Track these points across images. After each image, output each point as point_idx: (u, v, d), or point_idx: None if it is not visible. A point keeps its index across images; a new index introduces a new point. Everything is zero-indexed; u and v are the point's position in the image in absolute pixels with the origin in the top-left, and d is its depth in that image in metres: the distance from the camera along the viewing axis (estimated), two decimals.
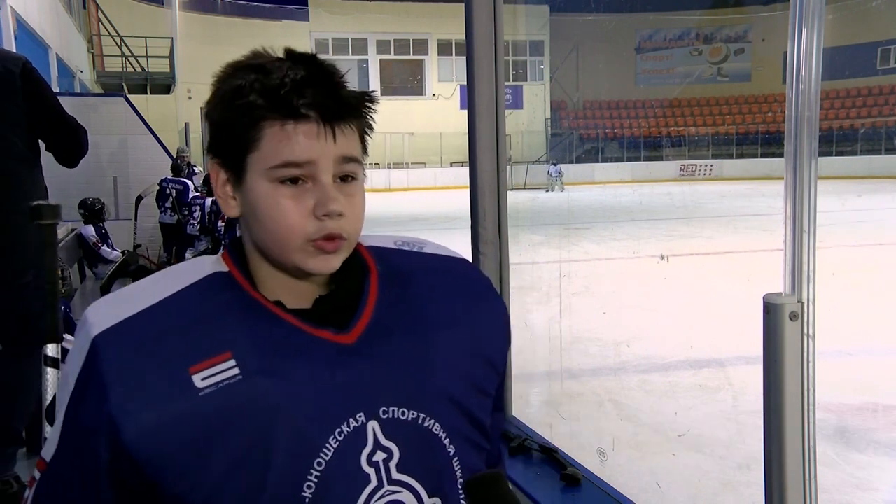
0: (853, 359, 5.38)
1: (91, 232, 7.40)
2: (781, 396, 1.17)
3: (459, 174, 26.53)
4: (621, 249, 11.44)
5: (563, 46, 35.05)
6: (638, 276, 9.18)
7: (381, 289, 0.80)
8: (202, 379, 0.69)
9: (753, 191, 22.56)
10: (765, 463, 1.21)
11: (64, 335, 2.90)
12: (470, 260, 0.91)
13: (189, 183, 9.19)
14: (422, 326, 0.79)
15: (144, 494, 0.70)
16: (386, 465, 0.73)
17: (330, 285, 0.79)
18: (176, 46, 21.96)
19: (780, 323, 1.16)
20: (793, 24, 1.14)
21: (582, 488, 1.95)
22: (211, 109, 0.75)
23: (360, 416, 0.73)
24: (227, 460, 0.68)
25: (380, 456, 0.73)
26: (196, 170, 10.54)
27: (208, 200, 8.04)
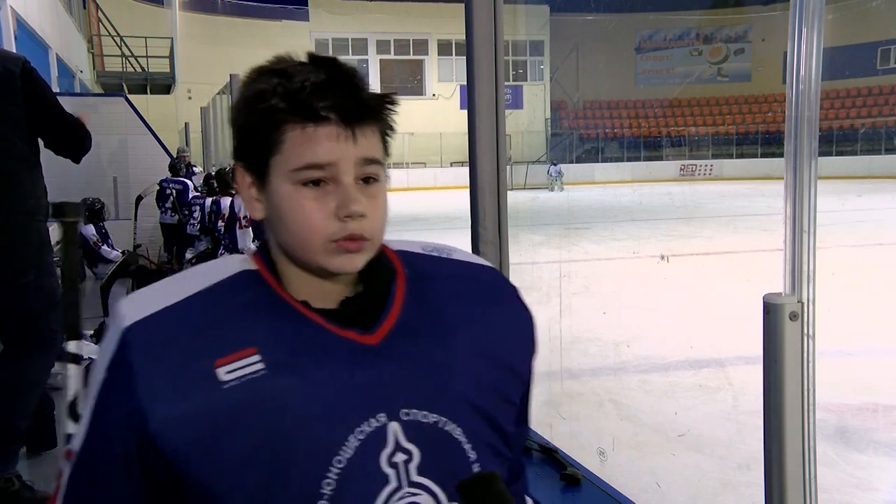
0: (853, 359, 5.38)
1: (91, 231, 7.41)
2: (781, 396, 1.17)
3: (459, 174, 26.52)
4: (621, 249, 11.44)
5: (563, 46, 35.04)
6: (638, 276, 9.18)
7: (408, 292, 0.80)
8: (227, 372, 0.70)
9: (753, 191, 22.55)
10: (765, 463, 1.21)
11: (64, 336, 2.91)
12: None
13: (188, 183, 9.19)
14: (446, 331, 0.79)
15: (170, 485, 0.71)
16: (406, 466, 0.73)
17: (356, 286, 0.80)
18: (176, 46, 21.97)
19: (780, 323, 1.16)
20: (793, 24, 1.14)
21: (582, 488, 1.95)
22: (236, 114, 0.76)
23: (381, 417, 0.73)
24: (249, 453, 0.69)
25: (400, 457, 0.73)
26: (196, 170, 10.53)
27: (208, 200, 8.03)
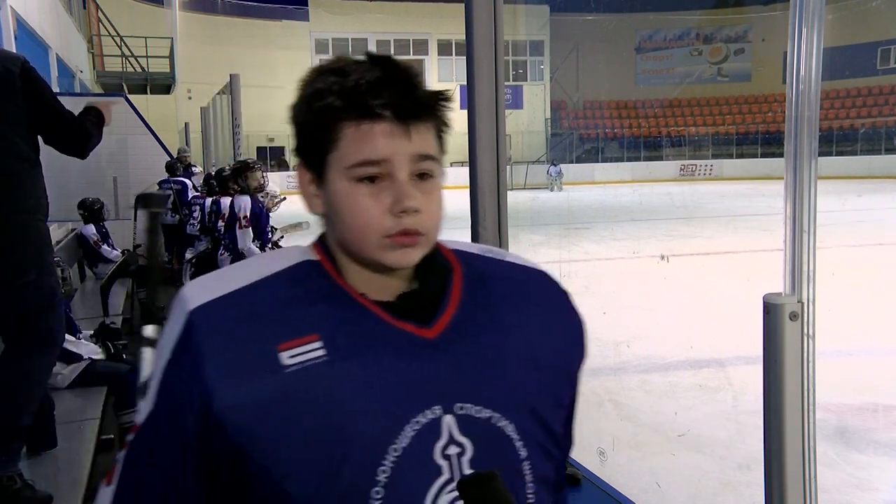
0: (853, 359, 5.38)
1: (92, 231, 7.41)
2: (781, 396, 1.17)
3: (459, 174, 26.47)
4: (621, 249, 11.44)
5: (563, 46, 35.04)
6: (638, 276, 9.18)
7: (465, 289, 0.81)
8: (289, 357, 0.72)
9: (753, 191, 22.55)
10: (765, 463, 1.21)
11: (66, 336, 2.92)
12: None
13: (187, 182, 9.19)
14: (501, 330, 0.80)
15: (229, 466, 0.72)
16: (459, 459, 0.74)
17: (412, 282, 0.81)
18: (176, 46, 21.97)
19: (780, 323, 1.16)
20: (793, 24, 1.14)
21: (582, 488, 1.95)
22: (295, 112, 0.78)
23: (436, 409, 0.74)
24: (308, 437, 0.71)
25: (453, 450, 0.74)
26: (195, 170, 10.52)
27: (208, 200, 8.02)
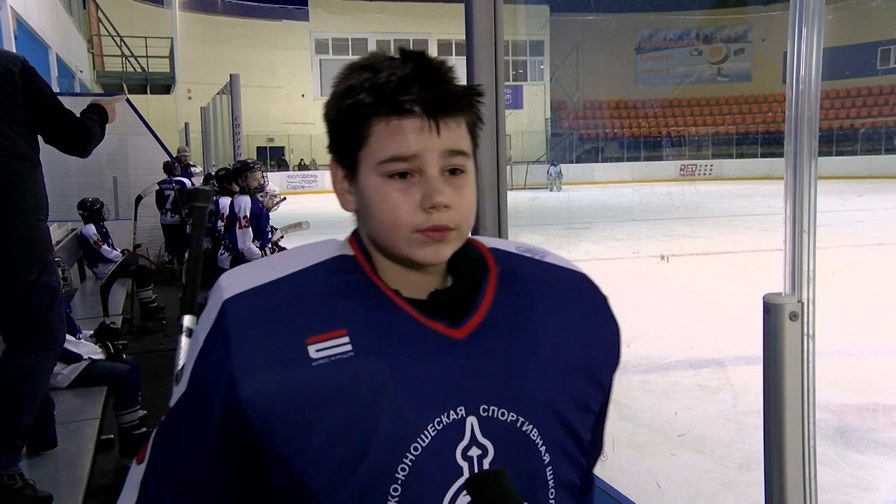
0: (853, 359, 5.38)
1: (92, 231, 7.41)
2: (781, 396, 1.17)
3: None
4: (621, 249, 11.44)
5: (563, 46, 35.05)
6: (638, 276, 9.18)
7: (499, 289, 0.81)
8: (317, 350, 0.72)
9: (753, 191, 22.56)
10: (765, 463, 1.21)
11: (66, 336, 2.92)
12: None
13: (185, 181, 9.19)
14: (533, 333, 0.80)
15: (252, 454, 0.74)
16: (480, 461, 0.74)
17: (447, 279, 0.81)
18: (176, 46, 21.97)
19: (780, 323, 1.16)
20: (793, 24, 1.14)
21: None
22: (328, 109, 0.78)
23: (460, 410, 0.74)
24: (331, 431, 0.71)
25: (475, 451, 0.74)
26: (195, 170, 10.52)
27: None
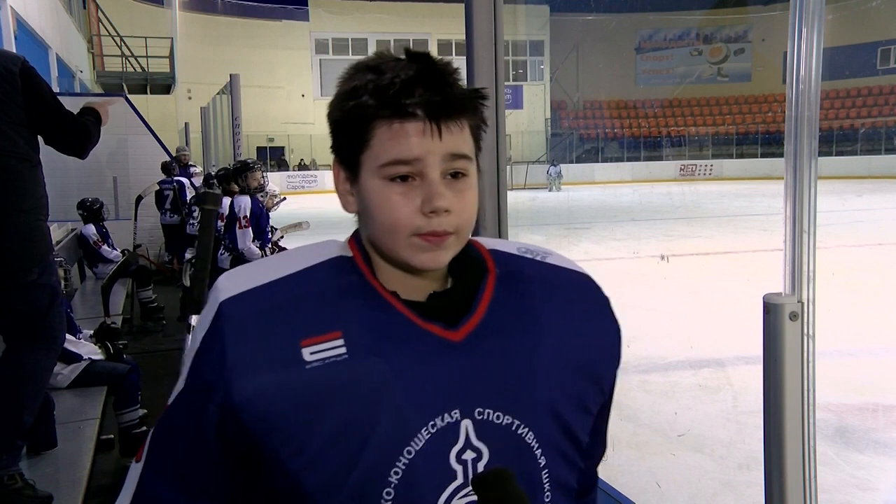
0: (853, 359, 5.38)
1: (92, 231, 7.41)
2: (781, 396, 1.17)
3: None
4: (621, 249, 11.44)
5: (563, 46, 35.05)
6: (638, 276, 9.18)
7: (497, 291, 0.80)
8: (311, 353, 0.72)
9: (753, 191, 22.57)
10: (765, 463, 1.21)
11: (66, 336, 2.92)
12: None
13: (184, 181, 9.19)
14: (532, 334, 0.79)
15: (247, 454, 0.74)
16: (474, 464, 0.74)
17: (446, 281, 0.81)
18: (176, 46, 21.95)
19: (780, 323, 1.16)
20: (793, 24, 1.14)
21: None
22: (332, 109, 0.78)
23: (455, 413, 0.74)
24: (325, 434, 0.72)
25: (469, 455, 0.74)
26: (195, 170, 10.51)
27: None
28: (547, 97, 35.46)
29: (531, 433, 0.77)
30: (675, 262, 9.66)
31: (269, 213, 5.84)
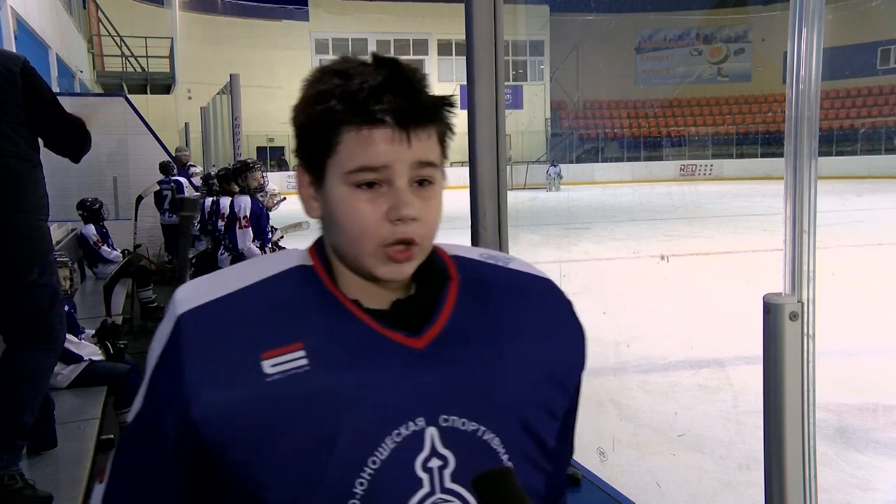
0: (853, 359, 5.38)
1: (92, 231, 7.41)
2: (781, 396, 1.17)
3: (459, 174, 26.48)
4: (621, 249, 11.44)
5: (563, 46, 35.04)
6: (638, 276, 9.18)
7: (460, 297, 0.80)
8: (272, 366, 0.71)
9: (753, 191, 22.57)
10: (765, 463, 1.21)
11: (66, 336, 2.92)
12: None
13: (182, 181, 9.19)
14: (496, 339, 0.79)
15: (208, 471, 0.73)
16: (440, 472, 0.73)
17: (409, 288, 0.80)
18: (176, 46, 21.96)
19: (780, 323, 1.16)
20: (793, 24, 1.14)
21: (582, 488, 1.95)
22: (296, 113, 0.76)
23: (419, 421, 0.73)
24: (288, 448, 0.70)
25: (435, 463, 0.73)
26: (194, 169, 10.51)
27: (208, 200, 8.03)
28: (547, 97, 35.46)
29: (497, 439, 0.76)
30: (675, 262, 9.66)
31: (269, 213, 5.84)
